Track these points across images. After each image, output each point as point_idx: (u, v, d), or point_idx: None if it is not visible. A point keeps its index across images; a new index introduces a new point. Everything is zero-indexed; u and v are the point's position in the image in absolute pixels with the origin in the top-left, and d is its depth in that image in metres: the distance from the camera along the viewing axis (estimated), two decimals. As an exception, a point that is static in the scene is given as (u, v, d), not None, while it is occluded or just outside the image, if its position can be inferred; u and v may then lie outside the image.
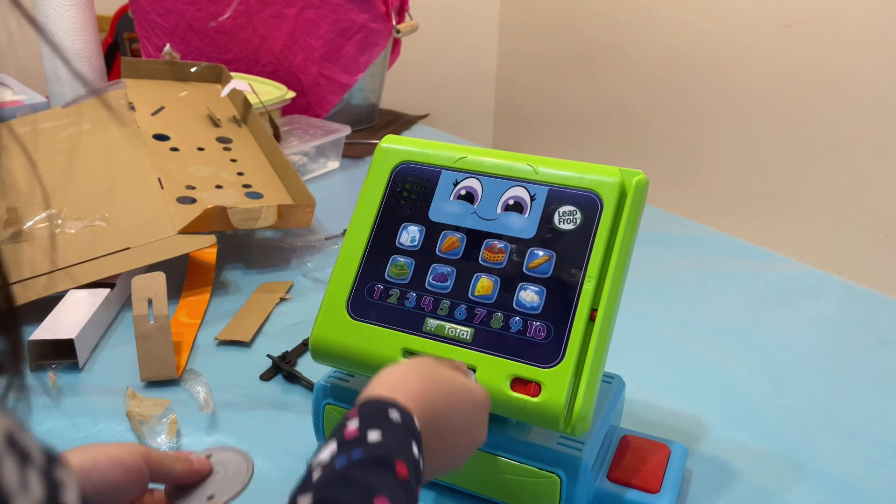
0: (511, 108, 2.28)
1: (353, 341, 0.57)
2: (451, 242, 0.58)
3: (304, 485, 0.37)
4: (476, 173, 0.59)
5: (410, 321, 0.56)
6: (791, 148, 1.62)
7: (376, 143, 0.63)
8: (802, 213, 1.63)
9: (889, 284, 1.14)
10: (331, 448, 0.39)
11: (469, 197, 0.58)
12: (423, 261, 0.58)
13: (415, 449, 0.41)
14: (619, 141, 1.96)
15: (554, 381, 0.51)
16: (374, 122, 1.59)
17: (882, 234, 1.53)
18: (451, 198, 0.59)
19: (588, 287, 0.53)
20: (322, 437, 0.63)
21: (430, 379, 0.46)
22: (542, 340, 0.52)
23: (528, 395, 0.51)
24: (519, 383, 0.52)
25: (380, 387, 0.45)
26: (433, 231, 0.58)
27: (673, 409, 0.71)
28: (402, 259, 0.58)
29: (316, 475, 0.38)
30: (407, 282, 0.57)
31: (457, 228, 0.58)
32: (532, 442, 0.55)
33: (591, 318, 0.52)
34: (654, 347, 0.82)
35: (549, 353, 0.52)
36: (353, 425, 0.41)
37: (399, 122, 1.60)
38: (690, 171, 1.83)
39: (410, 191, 0.60)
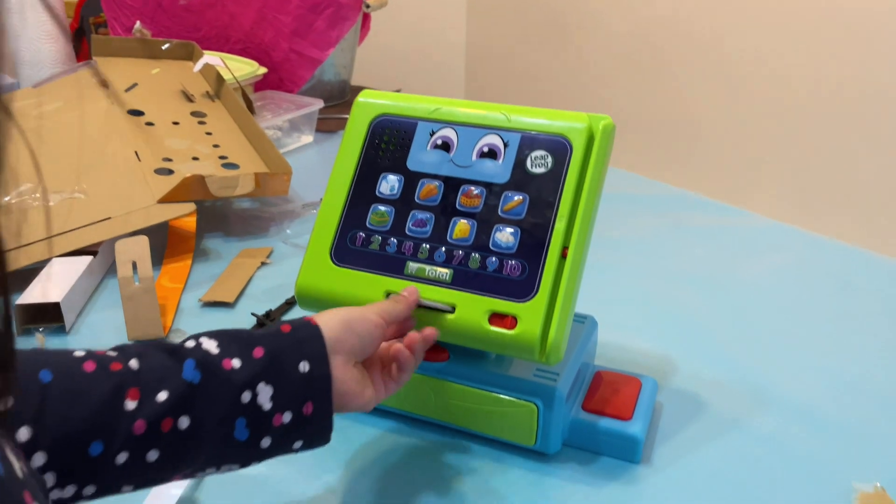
0: (482, 81, 2.30)
1: (337, 287, 0.59)
2: (429, 190, 0.60)
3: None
4: (451, 123, 0.61)
5: (392, 265, 0.59)
6: (757, 113, 1.67)
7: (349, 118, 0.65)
8: (768, 174, 1.68)
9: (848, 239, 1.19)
10: None
11: (445, 146, 0.61)
12: (402, 208, 0.60)
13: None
14: (589, 109, 1.99)
15: (529, 314, 0.54)
16: (346, 98, 1.60)
17: (842, 196, 1.58)
18: (428, 147, 0.61)
19: (559, 226, 0.56)
20: None
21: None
22: (518, 277, 0.55)
23: (505, 328, 0.54)
24: (496, 318, 0.55)
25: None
26: (412, 180, 0.61)
27: (643, 350, 0.75)
28: (382, 207, 0.61)
29: None
30: (388, 228, 0.60)
31: (434, 176, 0.60)
32: (510, 375, 0.58)
33: (563, 255, 0.55)
34: (625, 296, 0.85)
35: (524, 288, 0.55)
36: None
37: (371, 98, 1.61)
38: (659, 134, 1.87)
39: (388, 142, 0.62)
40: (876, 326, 0.80)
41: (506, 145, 0.59)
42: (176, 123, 1.10)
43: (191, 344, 0.46)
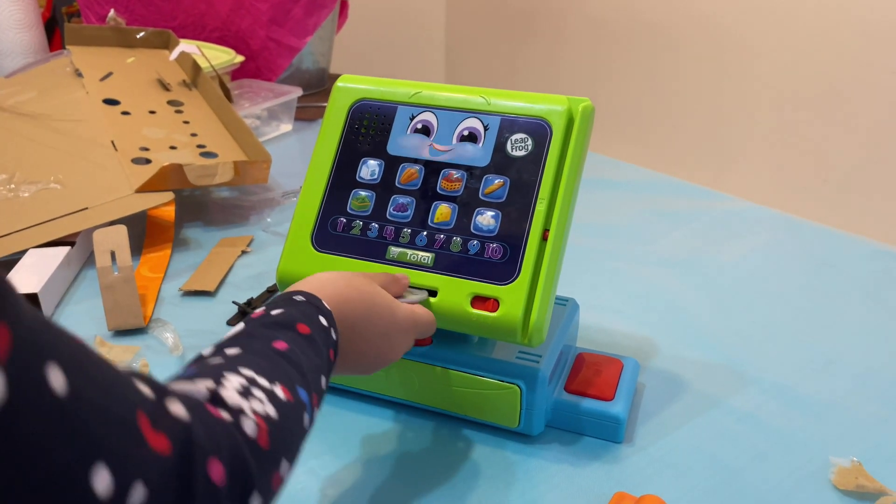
0: (462, 68, 2.30)
1: (318, 272, 0.59)
2: (409, 174, 0.60)
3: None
4: (431, 107, 0.61)
5: (373, 250, 0.59)
6: (735, 96, 1.68)
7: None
8: (745, 157, 1.70)
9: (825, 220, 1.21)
10: (237, 327, 0.43)
11: (425, 130, 0.61)
12: (383, 193, 0.60)
13: (322, 320, 0.45)
14: (569, 94, 1.99)
15: (511, 296, 0.54)
16: (324, 86, 1.59)
17: (819, 180, 1.60)
18: (409, 132, 0.61)
19: (540, 208, 0.56)
20: None
21: (353, 287, 0.50)
22: (499, 260, 0.55)
23: (487, 310, 0.55)
24: (478, 300, 0.55)
25: (302, 285, 0.49)
26: (392, 164, 0.60)
27: (624, 332, 0.75)
28: (363, 192, 0.60)
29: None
30: (369, 213, 0.60)
31: (414, 161, 0.60)
32: (493, 357, 0.59)
33: (544, 237, 0.56)
34: (604, 279, 0.86)
35: (505, 271, 0.55)
36: (258, 311, 0.45)
37: (350, 86, 1.60)
38: (637, 119, 1.88)
39: (368, 127, 0.62)
40: (852, 306, 0.81)
41: (486, 129, 0.59)
42: (153, 112, 1.09)
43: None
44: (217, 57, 1.34)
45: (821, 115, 1.54)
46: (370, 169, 0.61)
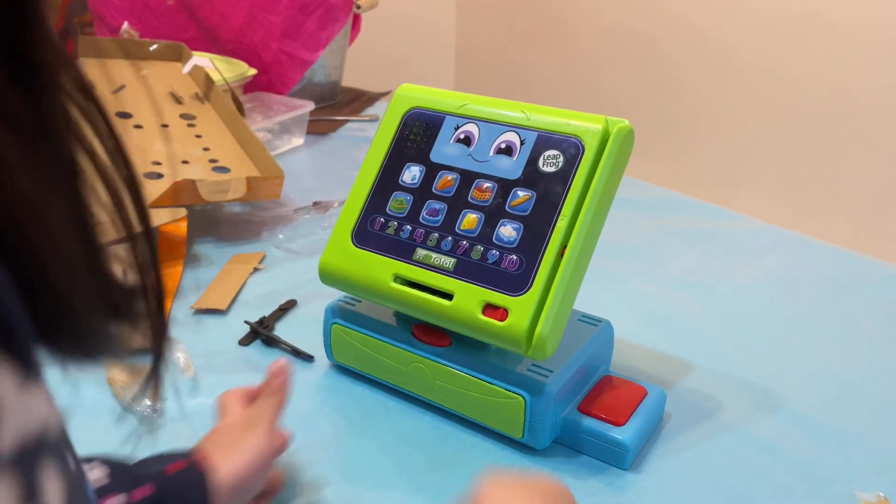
0: (472, 81, 2.30)
1: (353, 266, 0.62)
2: (445, 181, 0.61)
3: None
4: (475, 119, 0.62)
5: (402, 250, 0.60)
6: (751, 116, 1.67)
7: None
8: (761, 176, 1.69)
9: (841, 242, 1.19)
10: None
11: (467, 140, 0.62)
12: (420, 197, 0.62)
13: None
14: (580, 110, 1.99)
15: (520, 308, 0.55)
16: (336, 100, 1.59)
17: (835, 201, 1.59)
18: (452, 141, 0.62)
19: (561, 225, 0.56)
20: (330, 354, 0.69)
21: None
22: (514, 271, 0.56)
23: (496, 319, 0.55)
24: (490, 308, 0.56)
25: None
26: (432, 171, 0.62)
27: (644, 356, 0.74)
28: (402, 195, 0.62)
29: None
30: (404, 215, 0.62)
31: (452, 169, 0.61)
32: (505, 367, 0.59)
33: (562, 254, 0.55)
34: (624, 299, 0.85)
35: (518, 282, 0.55)
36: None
37: (362, 100, 1.60)
38: (651, 136, 1.87)
39: (417, 133, 0.64)
40: (873, 331, 0.80)
41: (522, 143, 0.60)
42: (165, 126, 1.09)
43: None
44: (229, 70, 1.34)
45: (837, 136, 1.53)
46: (412, 173, 0.63)
